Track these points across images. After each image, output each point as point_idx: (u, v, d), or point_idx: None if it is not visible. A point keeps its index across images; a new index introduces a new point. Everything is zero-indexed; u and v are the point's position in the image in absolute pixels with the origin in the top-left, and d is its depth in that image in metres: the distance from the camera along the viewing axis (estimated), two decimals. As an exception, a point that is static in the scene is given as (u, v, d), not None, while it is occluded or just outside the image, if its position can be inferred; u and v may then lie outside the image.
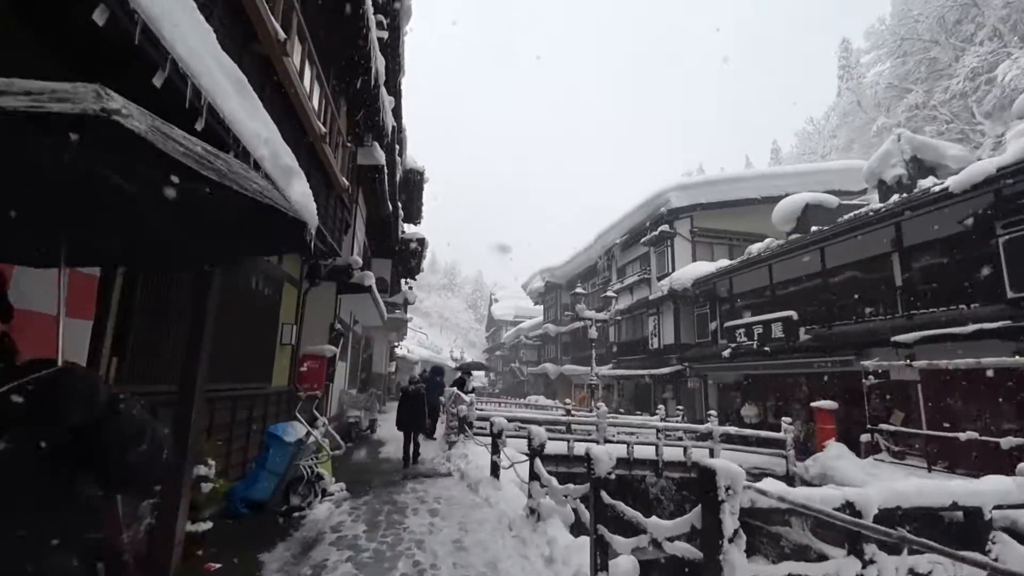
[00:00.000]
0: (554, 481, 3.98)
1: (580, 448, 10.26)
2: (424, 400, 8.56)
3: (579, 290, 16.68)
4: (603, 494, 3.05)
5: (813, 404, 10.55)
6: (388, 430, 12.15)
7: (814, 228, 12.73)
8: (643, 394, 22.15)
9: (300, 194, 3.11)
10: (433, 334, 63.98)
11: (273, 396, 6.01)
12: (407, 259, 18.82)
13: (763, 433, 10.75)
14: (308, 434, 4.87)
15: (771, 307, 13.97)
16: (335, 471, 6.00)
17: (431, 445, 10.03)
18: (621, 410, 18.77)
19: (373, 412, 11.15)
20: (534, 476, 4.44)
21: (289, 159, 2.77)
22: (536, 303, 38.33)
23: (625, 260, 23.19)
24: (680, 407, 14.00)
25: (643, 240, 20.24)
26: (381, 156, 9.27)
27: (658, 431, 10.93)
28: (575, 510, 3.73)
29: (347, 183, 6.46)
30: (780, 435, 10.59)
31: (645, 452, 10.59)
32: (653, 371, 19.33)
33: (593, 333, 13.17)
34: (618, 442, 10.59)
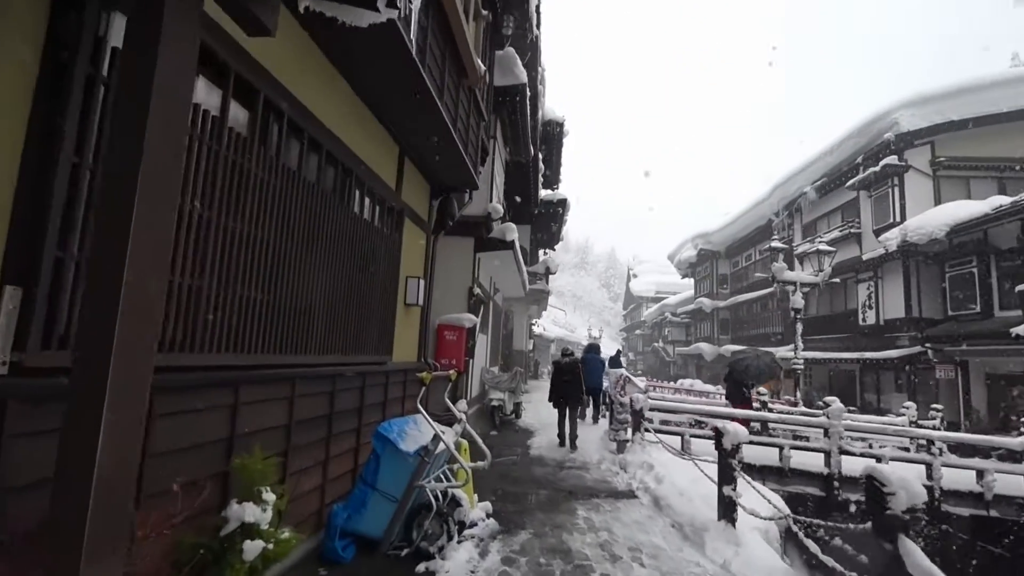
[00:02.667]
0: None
1: (799, 459, 7.23)
2: (580, 373, 7.64)
3: (776, 243, 12.80)
4: None
5: None
6: (534, 415, 10.45)
7: None
8: (842, 383, 17.26)
9: None
10: (567, 313, 62.94)
11: (396, 375, 4.42)
12: (547, 224, 16.91)
13: None
14: (436, 439, 3.06)
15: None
16: (477, 480, 4.24)
17: (590, 435, 7.99)
18: (821, 403, 14.54)
19: (518, 394, 9.50)
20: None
21: None
22: (684, 275, 33.78)
23: (816, 214, 18.13)
24: (939, 407, 9.76)
25: (850, 183, 15.26)
26: (522, 73, 7.23)
27: (929, 443, 7.29)
28: None
29: (483, 68, 4.49)
30: None
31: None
32: (866, 354, 14.60)
33: (799, 301, 9.67)
34: (860, 454, 7.27)
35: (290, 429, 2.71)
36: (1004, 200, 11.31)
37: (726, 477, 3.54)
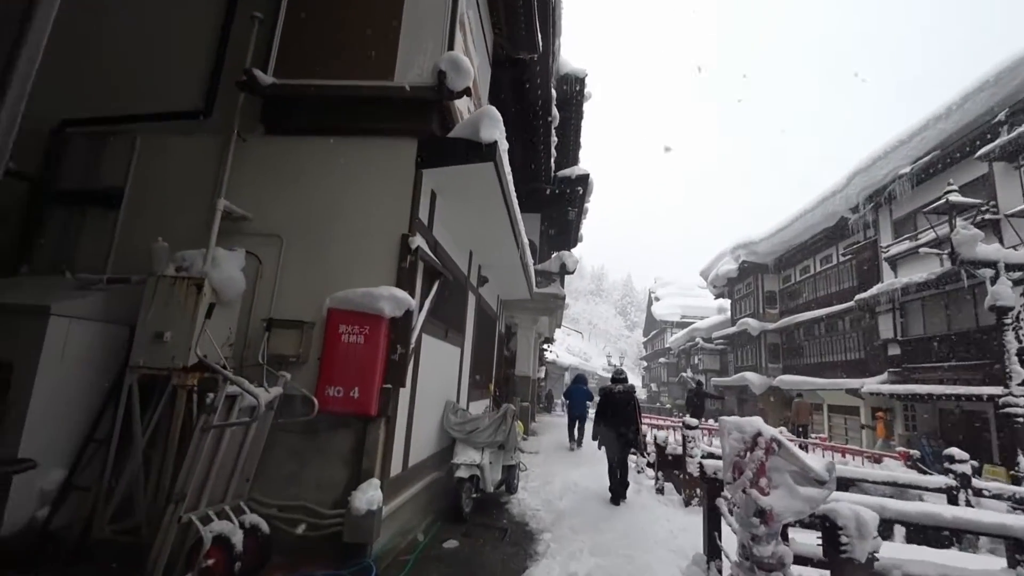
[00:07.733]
0: None
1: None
2: (636, 405, 5.88)
3: (954, 196, 8.29)
4: None
5: None
6: (543, 479, 6.22)
7: None
8: (961, 428, 12.53)
9: None
10: (581, 341, 59.05)
11: None
12: (561, 213, 12.98)
13: None
14: None
15: None
16: None
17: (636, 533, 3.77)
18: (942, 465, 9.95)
19: (510, 450, 5.29)
20: None
21: None
22: (719, 295, 29.32)
23: (918, 202, 13.70)
24: None
25: (981, 152, 11.06)
26: None
27: None
28: None
29: None
30: None
31: None
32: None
33: (1005, 294, 5.55)
34: None
35: None
36: None
37: None
